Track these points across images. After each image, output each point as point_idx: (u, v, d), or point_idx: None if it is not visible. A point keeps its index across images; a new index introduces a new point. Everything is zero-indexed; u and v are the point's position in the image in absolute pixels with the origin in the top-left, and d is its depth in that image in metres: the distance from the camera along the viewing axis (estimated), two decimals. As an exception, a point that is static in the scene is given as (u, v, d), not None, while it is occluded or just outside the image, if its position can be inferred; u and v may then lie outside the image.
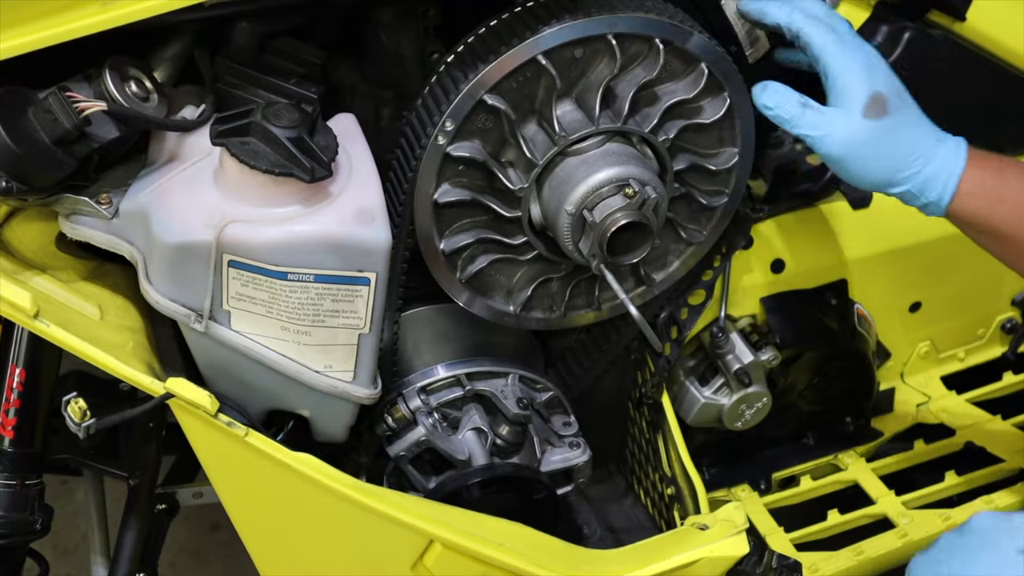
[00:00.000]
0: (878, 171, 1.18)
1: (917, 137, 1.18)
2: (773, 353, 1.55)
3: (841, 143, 1.16)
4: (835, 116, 1.16)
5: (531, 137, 1.19)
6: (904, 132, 1.17)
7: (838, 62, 1.15)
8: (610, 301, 1.35)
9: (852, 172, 1.18)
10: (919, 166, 1.18)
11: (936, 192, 1.18)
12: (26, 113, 1.02)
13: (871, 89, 1.15)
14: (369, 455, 1.34)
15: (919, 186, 1.18)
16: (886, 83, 1.17)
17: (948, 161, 1.18)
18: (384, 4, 1.23)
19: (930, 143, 1.18)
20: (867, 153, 1.16)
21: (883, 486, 1.71)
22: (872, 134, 1.15)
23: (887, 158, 1.17)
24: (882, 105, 1.15)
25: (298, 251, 1.06)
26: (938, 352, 1.81)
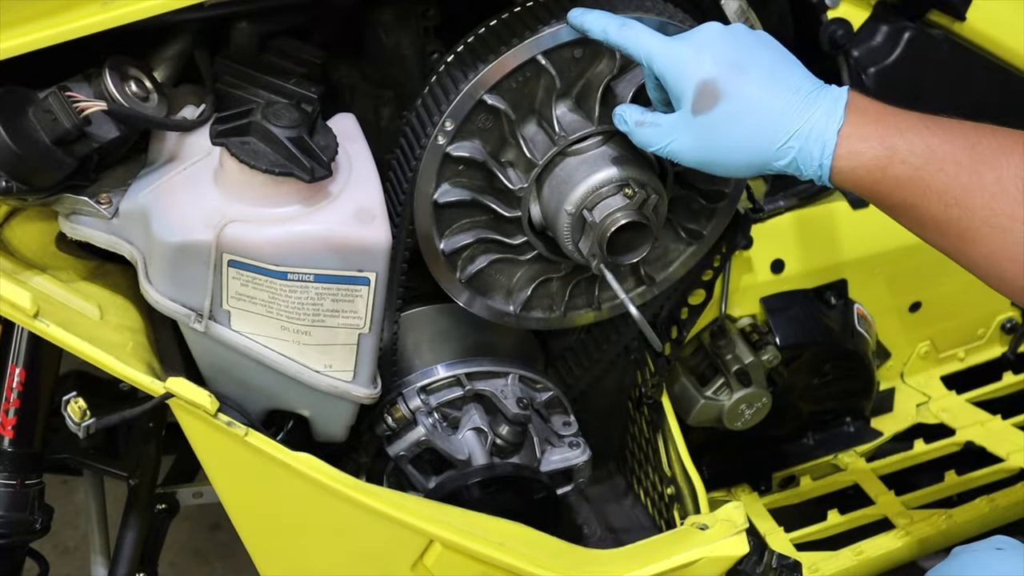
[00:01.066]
0: (739, 162, 1.05)
1: (772, 113, 1.03)
2: (773, 353, 1.55)
3: (686, 148, 1.06)
4: (670, 123, 1.06)
5: (531, 137, 1.19)
6: (752, 112, 1.03)
7: (663, 62, 1.05)
8: (610, 301, 1.35)
9: (717, 170, 1.07)
10: (780, 143, 1.03)
11: (812, 169, 1.03)
12: (26, 113, 1.02)
13: (696, 79, 1.03)
14: (369, 455, 1.34)
15: (792, 165, 1.04)
16: (714, 65, 1.03)
17: (818, 133, 1.02)
18: (384, 4, 1.23)
19: (792, 114, 1.03)
20: (716, 149, 1.04)
21: (883, 486, 1.71)
22: (710, 129, 1.03)
23: (739, 148, 1.04)
24: (713, 91, 1.02)
25: (298, 251, 1.06)
26: (938, 352, 1.81)
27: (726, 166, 1.06)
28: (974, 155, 1.01)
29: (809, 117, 1.03)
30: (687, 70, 1.04)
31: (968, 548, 1.16)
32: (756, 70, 1.04)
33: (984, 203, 1.00)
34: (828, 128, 1.02)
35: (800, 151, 1.03)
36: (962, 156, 1.01)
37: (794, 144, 1.03)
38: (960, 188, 1.00)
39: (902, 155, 1.01)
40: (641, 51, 1.06)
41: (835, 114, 1.02)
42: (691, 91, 1.03)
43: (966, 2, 1.53)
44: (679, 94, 1.04)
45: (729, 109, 1.03)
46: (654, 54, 1.05)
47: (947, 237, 1.04)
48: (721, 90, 1.03)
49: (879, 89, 1.52)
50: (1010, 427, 1.80)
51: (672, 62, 1.04)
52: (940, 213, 1.02)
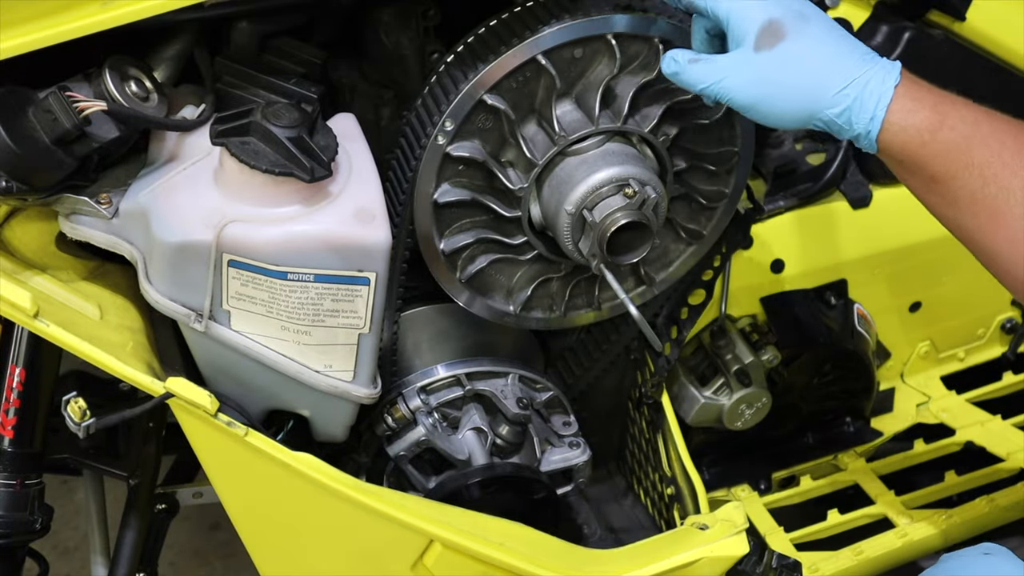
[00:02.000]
0: (792, 105, 1.04)
1: (832, 58, 1.03)
2: (773, 353, 1.55)
3: (740, 86, 1.04)
4: (727, 60, 1.05)
5: (531, 137, 1.19)
6: (813, 54, 1.03)
7: (726, 3, 1.04)
8: (610, 301, 1.35)
9: (766, 114, 1.05)
10: (837, 89, 1.03)
11: (863, 122, 1.03)
12: (26, 113, 1.02)
13: (764, 17, 1.03)
14: (369, 455, 1.34)
15: (844, 115, 1.03)
16: (779, 7, 1.03)
17: (875, 85, 1.02)
18: (384, 4, 1.23)
19: (851, 64, 1.03)
20: (772, 89, 1.03)
21: (883, 486, 1.71)
22: (770, 66, 1.03)
23: (796, 88, 1.03)
24: (777, 31, 1.02)
25: (298, 251, 1.06)
26: (938, 352, 1.81)
27: (777, 109, 1.05)
28: (1019, 138, 1.02)
29: (868, 70, 1.03)
30: (753, 9, 1.03)
31: (956, 554, 1.16)
32: (819, 20, 1.05)
33: (1022, 185, 1.01)
34: (885, 82, 1.03)
35: (855, 100, 1.03)
36: (1006, 136, 1.02)
37: (851, 92, 1.03)
38: (1001, 166, 1.01)
39: (951, 122, 1.02)
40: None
41: (893, 71, 1.03)
42: (755, 29, 1.03)
43: (966, 2, 1.53)
44: (741, 34, 1.04)
45: (793, 47, 1.03)
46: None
47: (978, 216, 1.03)
48: (786, 30, 1.02)
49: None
50: (1010, 427, 1.80)
51: (738, 2, 1.04)
52: (977, 189, 1.02)
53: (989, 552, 1.14)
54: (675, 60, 1.08)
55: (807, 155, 1.57)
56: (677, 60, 1.08)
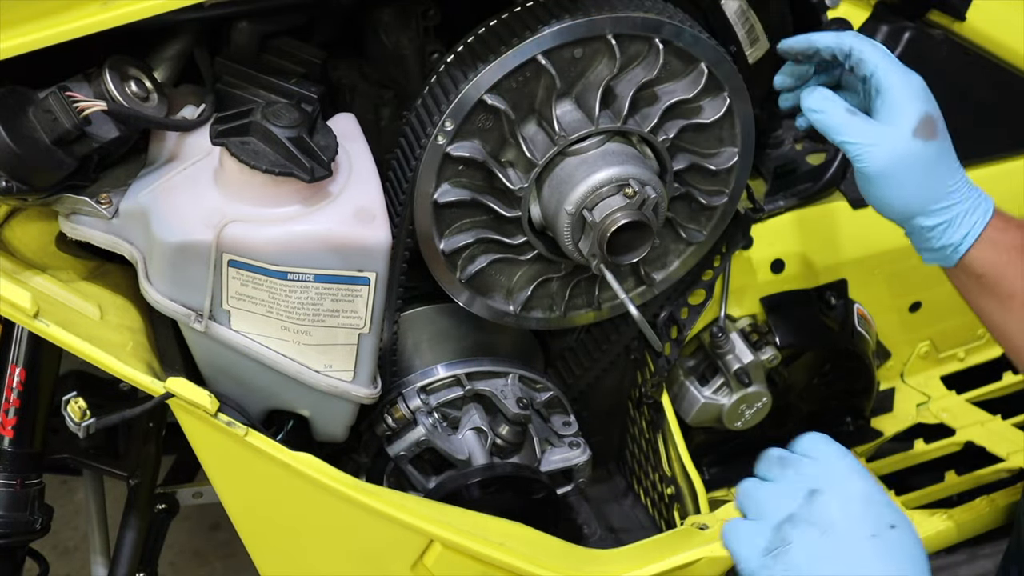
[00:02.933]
0: (914, 196, 1.11)
1: (956, 171, 1.12)
2: (773, 353, 1.55)
3: (885, 158, 1.09)
4: (884, 129, 1.10)
5: (531, 137, 1.19)
6: (947, 162, 1.12)
7: (893, 78, 1.10)
8: (610, 301, 1.35)
9: (887, 192, 1.12)
10: (954, 200, 1.12)
11: (961, 232, 1.13)
12: (26, 113, 1.02)
13: (924, 109, 1.10)
14: (369, 455, 1.34)
15: (948, 221, 1.12)
16: (936, 109, 1.11)
17: (980, 203, 1.13)
18: (384, 4, 1.23)
19: (965, 181, 1.13)
20: (908, 174, 1.10)
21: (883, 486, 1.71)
22: (919, 155, 1.09)
23: (926, 184, 1.11)
24: (932, 128, 1.10)
25: (298, 251, 1.06)
26: (938, 352, 1.81)
27: (896, 189, 1.11)
28: None
29: (973, 195, 1.14)
30: (918, 96, 1.10)
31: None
32: (950, 138, 1.13)
33: None
34: (986, 204, 1.14)
35: (957, 216, 1.12)
36: None
37: (957, 209, 1.12)
38: None
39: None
40: (874, 61, 1.10)
41: (990, 201, 1.15)
42: (917, 116, 1.09)
43: (966, 2, 1.53)
44: (900, 111, 1.09)
45: (939, 150, 1.10)
46: (889, 69, 1.10)
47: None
48: (938, 130, 1.10)
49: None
50: (1010, 427, 1.79)
51: (905, 81, 1.10)
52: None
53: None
54: (827, 100, 1.12)
55: (807, 155, 1.57)
56: (828, 101, 1.11)
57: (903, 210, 1.13)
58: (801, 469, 0.96)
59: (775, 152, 1.52)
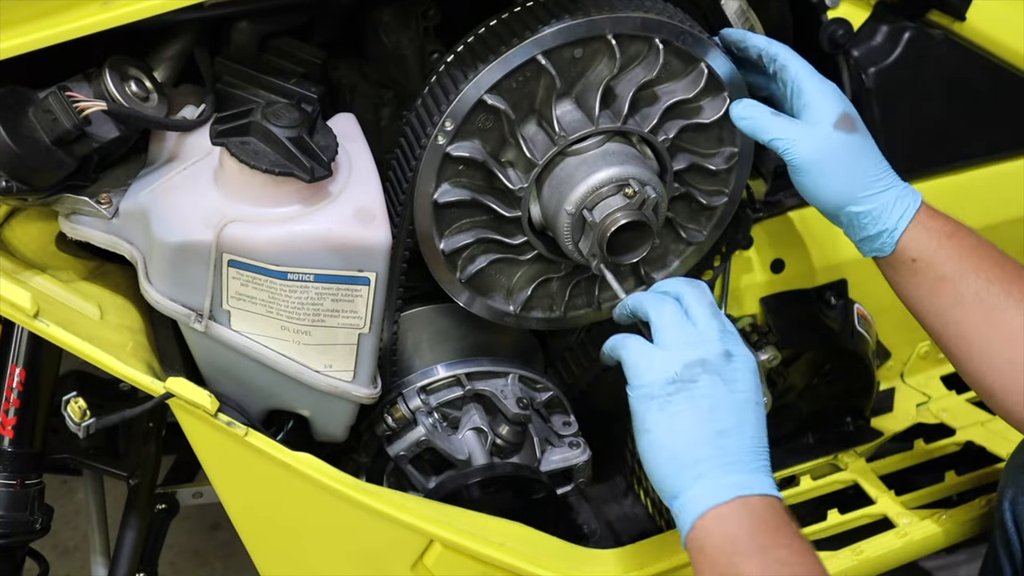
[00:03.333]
0: (844, 184, 1.18)
1: (881, 162, 1.20)
2: (773, 353, 1.55)
3: (811, 149, 1.16)
4: (807, 125, 1.17)
5: (531, 137, 1.19)
6: (871, 154, 1.19)
7: (813, 84, 1.18)
8: (610, 301, 1.35)
9: (818, 182, 1.18)
10: (883, 186, 1.18)
11: (896, 216, 1.18)
12: (26, 113, 1.02)
13: (842, 107, 1.18)
14: (369, 455, 1.34)
15: (879, 209, 1.18)
16: (853, 110, 1.20)
17: (907, 191, 1.19)
18: (384, 4, 1.23)
19: (891, 172, 1.20)
20: (835, 164, 1.17)
21: (883, 486, 1.71)
22: (841, 146, 1.17)
23: (852, 174, 1.18)
24: (851, 123, 1.18)
25: (298, 251, 1.06)
26: (938, 352, 1.81)
27: (825, 180, 1.18)
28: (1008, 260, 1.20)
29: (899, 183, 1.20)
30: (836, 98, 1.19)
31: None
32: (867, 133, 1.21)
33: (1019, 291, 1.17)
34: (914, 194, 1.20)
35: (889, 201, 1.18)
36: (999, 254, 1.20)
37: (888, 195, 1.18)
38: (1001, 272, 1.18)
39: (963, 232, 1.19)
40: (796, 68, 1.19)
41: (916, 193, 1.20)
42: (836, 113, 1.17)
43: (966, 2, 1.53)
44: (820, 110, 1.17)
45: (860, 141, 1.18)
46: (809, 76, 1.19)
47: (979, 315, 1.18)
48: (856, 126, 1.18)
49: (879, 89, 1.52)
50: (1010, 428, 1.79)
51: (824, 86, 1.19)
52: (982, 289, 1.17)
53: None
54: (753, 107, 1.20)
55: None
56: (754, 107, 1.19)
57: (835, 199, 1.19)
58: (727, 326, 1.09)
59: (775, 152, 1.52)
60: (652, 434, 1.04)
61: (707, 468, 1.03)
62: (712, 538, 1.02)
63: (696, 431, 1.03)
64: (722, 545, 1.01)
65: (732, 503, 1.02)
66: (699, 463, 1.03)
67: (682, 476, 1.03)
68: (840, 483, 1.74)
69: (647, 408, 1.05)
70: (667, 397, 1.04)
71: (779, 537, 1.02)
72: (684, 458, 1.03)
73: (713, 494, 1.02)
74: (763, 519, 1.02)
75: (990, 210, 1.67)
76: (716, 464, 1.03)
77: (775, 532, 1.02)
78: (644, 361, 1.07)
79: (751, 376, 1.07)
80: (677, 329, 1.08)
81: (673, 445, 1.04)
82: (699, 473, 1.03)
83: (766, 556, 1.00)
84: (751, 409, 1.06)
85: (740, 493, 1.02)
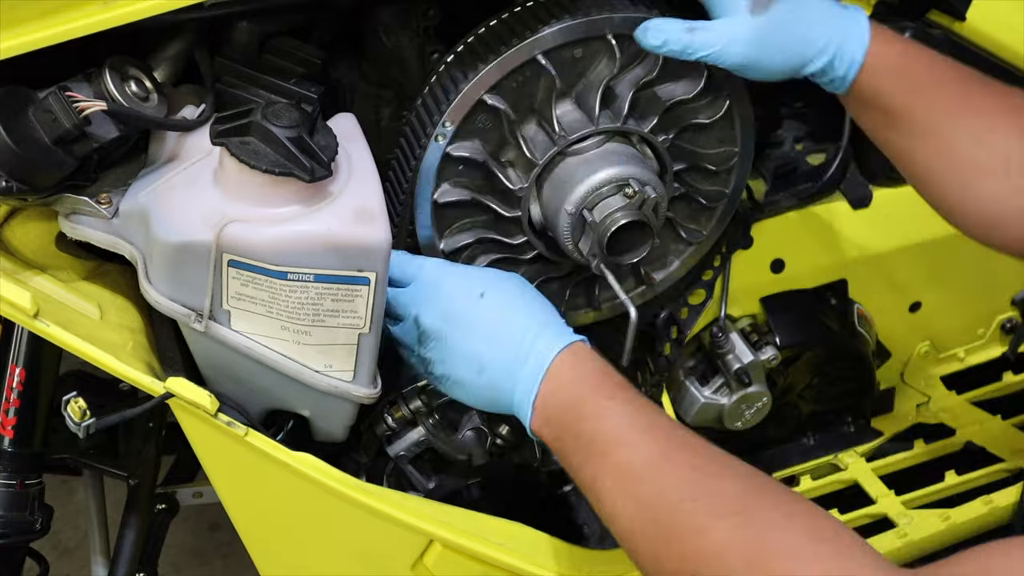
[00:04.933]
0: (783, 62, 1.15)
1: (814, 19, 1.16)
2: (773, 353, 1.55)
3: (739, 50, 1.14)
4: (723, 26, 1.14)
5: (531, 137, 1.19)
6: (798, 17, 1.15)
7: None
8: (609, 301, 1.35)
9: (761, 70, 1.16)
10: (822, 46, 1.15)
11: (844, 67, 1.15)
12: (26, 113, 1.02)
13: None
14: (369, 455, 1.34)
15: (826, 65, 1.15)
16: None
17: (850, 36, 1.15)
18: (384, 4, 1.23)
19: (829, 20, 1.15)
20: (766, 48, 1.14)
21: (883, 486, 1.71)
22: (764, 28, 1.14)
23: (787, 47, 1.15)
24: (764, 2, 1.14)
25: (298, 251, 1.05)
26: (938, 352, 1.81)
27: (771, 65, 1.16)
28: (969, 81, 1.18)
29: (845, 20, 1.15)
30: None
31: None
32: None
33: (968, 125, 1.15)
34: (861, 26, 1.15)
35: (839, 48, 1.14)
36: (957, 77, 1.18)
37: (833, 41, 1.14)
38: (951, 103, 1.16)
39: (916, 66, 1.16)
40: None
41: (863, 19, 1.16)
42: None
43: (966, 2, 1.53)
44: (729, 3, 1.14)
45: (781, 9, 1.14)
46: None
47: (929, 145, 1.16)
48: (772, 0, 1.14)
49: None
50: (1010, 427, 1.79)
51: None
52: (936, 124, 1.15)
53: None
54: (662, 30, 1.14)
55: (807, 155, 1.57)
56: (665, 30, 1.14)
57: (783, 73, 1.17)
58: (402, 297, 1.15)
59: (775, 152, 1.52)
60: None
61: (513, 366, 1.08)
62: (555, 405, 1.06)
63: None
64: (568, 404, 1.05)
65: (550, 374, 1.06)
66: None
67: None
68: (840, 483, 1.74)
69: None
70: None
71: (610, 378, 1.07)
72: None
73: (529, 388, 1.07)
74: (586, 372, 1.07)
75: (990, 210, 1.67)
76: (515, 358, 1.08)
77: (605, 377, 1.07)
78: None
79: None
80: None
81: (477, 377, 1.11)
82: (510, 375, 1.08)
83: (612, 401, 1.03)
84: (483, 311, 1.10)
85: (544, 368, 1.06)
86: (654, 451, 0.98)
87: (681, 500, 0.94)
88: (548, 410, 1.06)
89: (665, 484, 0.96)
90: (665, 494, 0.96)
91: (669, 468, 0.97)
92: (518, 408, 1.08)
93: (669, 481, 0.96)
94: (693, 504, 0.94)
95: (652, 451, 0.98)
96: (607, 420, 1.02)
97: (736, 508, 0.93)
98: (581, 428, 1.03)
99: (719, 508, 0.94)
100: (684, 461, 0.98)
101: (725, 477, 0.97)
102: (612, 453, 1.00)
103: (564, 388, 1.06)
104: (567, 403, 1.05)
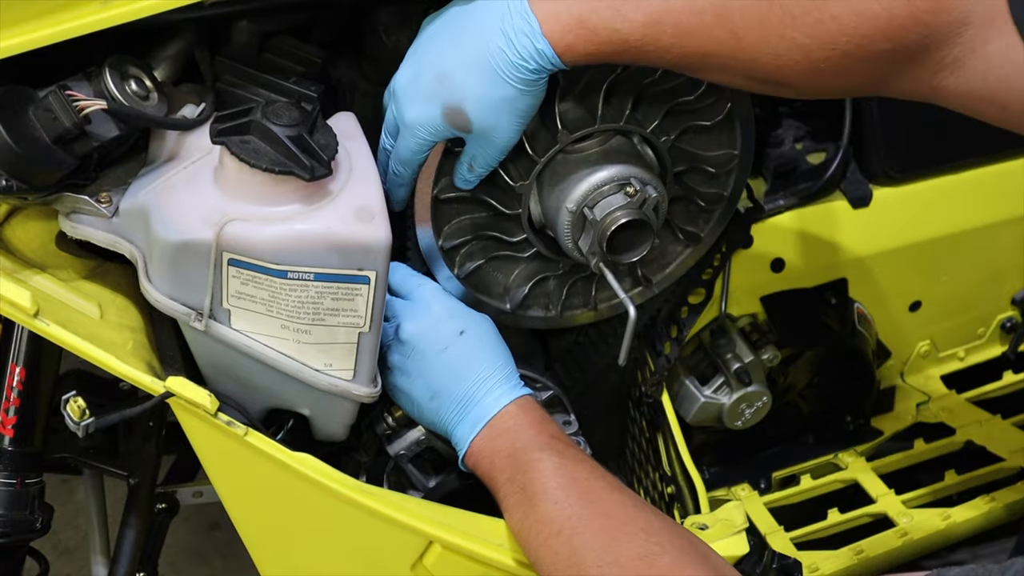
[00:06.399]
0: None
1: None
2: (773, 352, 1.55)
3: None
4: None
5: (532, 134, 1.19)
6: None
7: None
8: (607, 301, 1.35)
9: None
10: (498, 24, 1.07)
11: (526, 31, 1.07)
12: (26, 112, 1.02)
13: None
14: (369, 454, 1.34)
15: (512, 44, 1.07)
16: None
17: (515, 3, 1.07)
18: (384, 3, 1.23)
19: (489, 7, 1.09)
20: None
21: (883, 485, 1.71)
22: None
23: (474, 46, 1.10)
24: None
25: (298, 249, 1.05)
26: (938, 351, 1.81)
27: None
28: None
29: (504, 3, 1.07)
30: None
31: None
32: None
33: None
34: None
35: (514, 26, 1.06)
36: None
37: (507, 21, 1.06)
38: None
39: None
40: None
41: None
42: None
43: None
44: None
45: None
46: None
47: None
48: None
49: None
50: (1010, 427, 1.79)
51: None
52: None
53: None
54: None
55: (807, 155, 1.57)
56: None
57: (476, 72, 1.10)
58: (394, 305, 1.21)
59: (775, 151, 1.52)
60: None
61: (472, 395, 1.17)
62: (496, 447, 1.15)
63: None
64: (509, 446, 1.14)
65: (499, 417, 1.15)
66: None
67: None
68: (840, 482, 1.74)
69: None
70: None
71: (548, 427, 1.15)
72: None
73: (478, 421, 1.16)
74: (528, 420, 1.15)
75: (990, 210, 1.67)
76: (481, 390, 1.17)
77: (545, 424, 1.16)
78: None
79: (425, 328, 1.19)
80: None
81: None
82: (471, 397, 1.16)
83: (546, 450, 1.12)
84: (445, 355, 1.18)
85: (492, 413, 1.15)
86: (574, 510, 1.07)
87: (590, 565, 1.03)
88: (484, 450, 1.15)
89: (578, 544, 1.05)
90: (578, 554, 1.04)
91: (583, 528, 1.05)
92: (457, 441, 1.18)
93: (581, 542, 1.05)
94: (598, 570, 1.03)
95: (572, 510, 1.07)
96: (537, 472, 1.10)
97: (637, 573, 1.02)
98: (515, 476, 1.11)
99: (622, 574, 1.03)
100: (597, 524, 1.05)
101: (633, 540, 1.04)
102: (539, 506, 1.08)
103: (503, 435, 1.15)
104: (505, 449, 1.14)
